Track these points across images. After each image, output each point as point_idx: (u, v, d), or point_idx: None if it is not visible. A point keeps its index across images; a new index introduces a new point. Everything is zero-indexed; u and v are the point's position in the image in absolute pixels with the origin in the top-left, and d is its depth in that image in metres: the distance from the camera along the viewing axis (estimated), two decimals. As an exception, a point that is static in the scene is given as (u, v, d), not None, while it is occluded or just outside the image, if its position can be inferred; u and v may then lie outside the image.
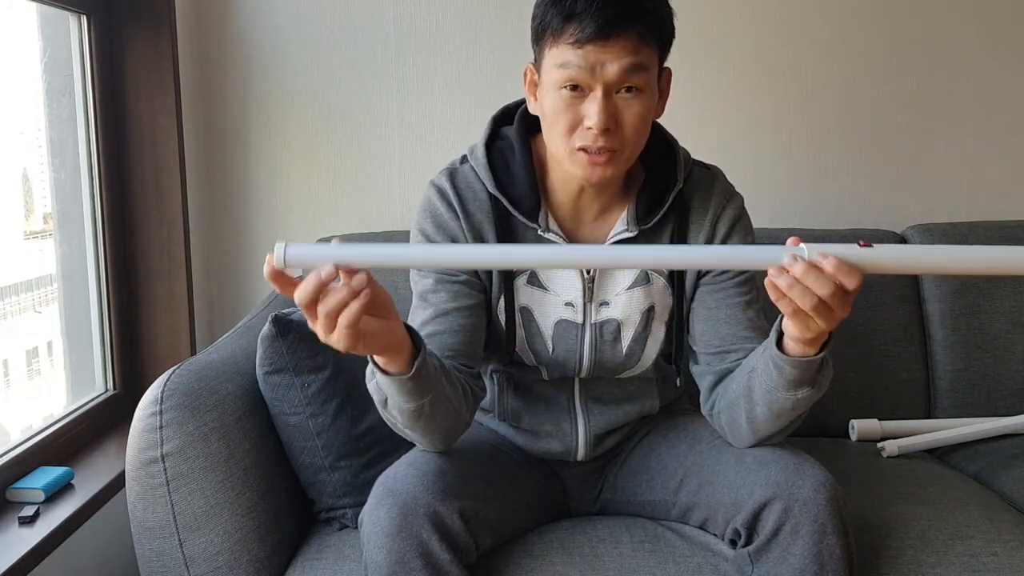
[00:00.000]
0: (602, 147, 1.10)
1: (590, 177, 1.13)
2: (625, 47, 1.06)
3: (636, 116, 1.10)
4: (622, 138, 1.11)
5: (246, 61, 1.93)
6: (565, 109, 1.10)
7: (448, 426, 1.15)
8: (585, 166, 1.12)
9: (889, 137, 1.98)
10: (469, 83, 1.94)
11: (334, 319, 0.91)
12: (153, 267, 1.82)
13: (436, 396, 1.08)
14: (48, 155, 1.70)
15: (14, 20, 1.64)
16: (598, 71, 1.07)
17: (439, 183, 1.24)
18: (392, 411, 1.10)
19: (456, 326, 1.20)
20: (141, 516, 1.21)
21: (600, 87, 1.08)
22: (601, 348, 1.26)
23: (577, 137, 1.11)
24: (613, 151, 1.11)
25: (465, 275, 1.22)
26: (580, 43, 1.06)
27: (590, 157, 1.11)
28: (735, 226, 1.25)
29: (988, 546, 1.28)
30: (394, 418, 1.11)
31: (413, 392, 1.05)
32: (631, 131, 1.11)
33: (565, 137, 1.12)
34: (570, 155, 1.13)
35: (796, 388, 1.09)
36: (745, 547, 1.15)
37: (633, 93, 1.09)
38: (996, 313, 1.76)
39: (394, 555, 1.07)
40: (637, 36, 1.07)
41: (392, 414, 1.10)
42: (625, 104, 1.10)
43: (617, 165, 1.13)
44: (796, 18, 1.94)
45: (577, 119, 1.10)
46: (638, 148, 1.16)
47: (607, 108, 1.08)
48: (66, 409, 1.65)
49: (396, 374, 1.03)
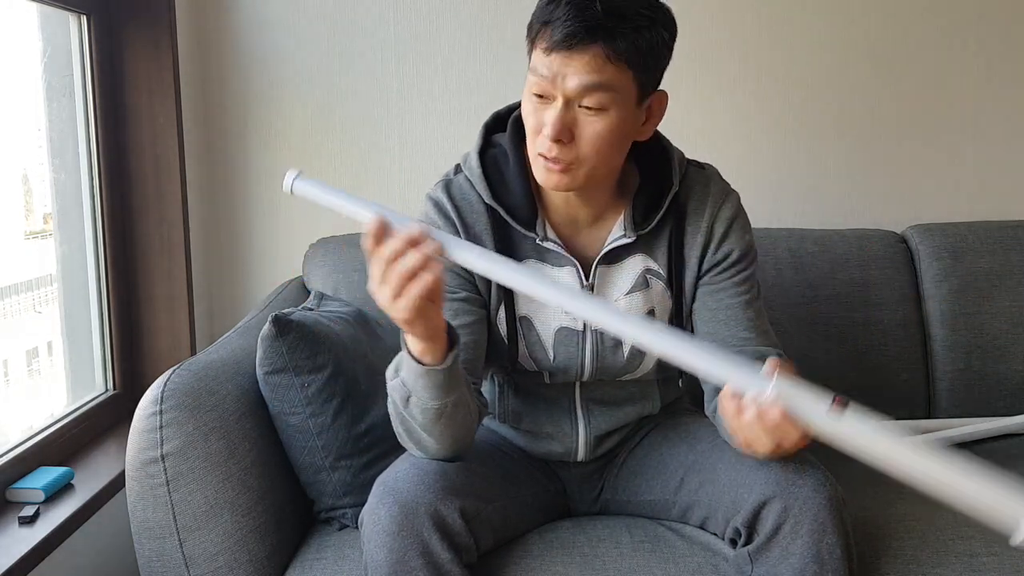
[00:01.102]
0: (556, 156, 1.10)
1: (546, 183, 1.14)
2: (589, 63, 1.05)
3: (594, 134, 1.09)
4: (576, 152, 1.10)
5: (246, 61, 1.93)
6: (532, 112, 1.11)
7: (460, 434, 1.15)
8: (541, 171, 1.13)
9: (889, 137, 1.98)
10: (469, 83, 1.94)
11: (406, 282, 0.92)
12: (153, 267, 1.82)
13: (459, 397, 1.08)
14: (48, 155, 1.70)
15: (14, 20, 1.64)
16: (559, 82, 1.07)
17: (435, 196, 1.24)
18: (413, 410, 1.09)
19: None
20: (141, 516, 1.21)
21: (560, 97, 1.08)
22: (603, 354, 1.26)
23: (538, 143, 1.11)
24: (568, 162, 1.11)
25: (465, 291, 1.22)
26: (548, 50, 1.07)
27: (546, 163, 1.12)
28: (732, 225, 1.24)
29: (988, 546, 1.28)
30: (413, 418, 1.10)
31: (442, 387, 1.05)
32: (587, 147, 1.10)
33: (531, 141, 1.13)
34: (534, 160, 1.14)
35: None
36: (745, 546, 1.15)
37: (594, 111, 1.08)
38: (996, 313, 1.76)
39: (395, 554, 1.07)
40: (603, 54, 1.05)
41: (412, 413, 1.10)
42: (585, 119, 1.09)
43: (574, 176, 1.12)
44: (796, 18, 1.95)
45: (540, 124, 1.11)
46: (602, 165, 1.13)
47: (562, 119, 1.08)
48: (66, 409, 1.65)
49: (431, 365, 1.03)
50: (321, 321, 1.39)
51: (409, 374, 1.05)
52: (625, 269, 1.24)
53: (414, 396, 1.07)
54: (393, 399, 1.11)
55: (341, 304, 1.61)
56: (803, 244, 1.80)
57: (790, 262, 1.77)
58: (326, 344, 1.34)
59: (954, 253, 1.79)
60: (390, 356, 1.19)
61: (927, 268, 1.80)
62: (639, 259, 1.24)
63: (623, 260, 1.24)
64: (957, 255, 1.79)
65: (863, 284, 1.77)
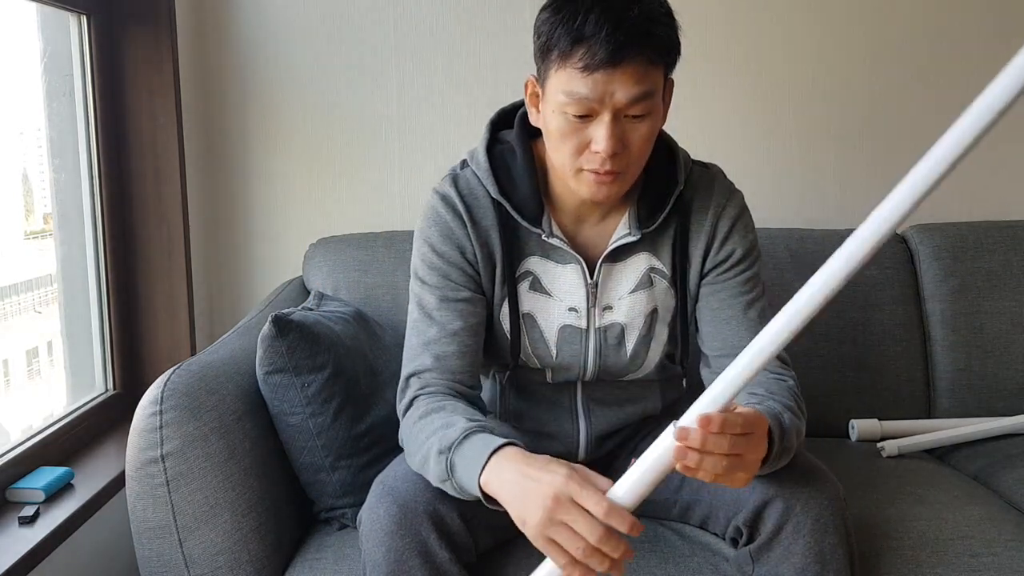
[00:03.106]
0: (609, 170, 1.09)
1: (595, 196, 1.13)
2: (634, 74, 1.05)
3: (642, 138, 1.10)
4: (628, 159, 1.11)
5: (246, 61, 1.93)
6: (572, 132, 1.09)
7: None
8: (591, 185, 1.12)
9: (889, 137, 1.98)
10: (469, 83, 1.94)
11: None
12: (153, 267, 1.82)
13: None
14: (48, 155, 1.70)
15: (14, 20, 1.64)
16: (607, 99, 1.05)
17: (443, 190, 1.23)
18: (449, 488, 1.08)
19: (463, 348, 1.20)
20: (141, 516, 1.21)
21: (608, 112, 1.06)
22: (606, 352, 1.26)
23: (584, 160, 1.10)
24: (619, 172, 1.11)
25: (468, 291, 1.22)
26: (589, 69, 1.04)
27: (597, 177, 1.10)
28: (735, 224, 1.24)
29: (988, 546, 1.29)
30: (435, 481, 1.10)
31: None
32: (637, 152, 1.11)
33: (571, 158, 1.11)
34: (575, 175, 1.12)
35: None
36: (746, 546, 1.15)
37: (640, 118, 1.08)
38: (996, 313, 1.76)
39: (393, 553, 1.07)
40: (646, 61, 1.05)
41: (445, 486, 1.08)
42: (632, 127, 1.09)
43: (623, 183, 1.13)
44: (795, 18, 1.94)
45: (584, 142, 1.09)
46: (643, 165, 1.15)
47: (615, 133, 1.07)
48: (66, 409, 1.65)
49: (494, 507, 1.03)
50: (321, 321, 1.39)
51: (465, 486, 1.04)
52: (629, 267, 1.24)
53: (451, 485, 1.07)
54: (433, 477, 1.09)
55: (341, 304, 1.61)
56: (803, 244, 1.80)
57: (790, 262, 1.77)
58: (326, 344, 1.34)
59: (954, 253, 1.79)
60: (390, 356, 1.19)
61: (927, 268, 1.80)
62: (643, 258, 1.24)
63: (627, 258, 1.24)
64: (957, 255, 1.79)
65: (863, 284, 1.77)
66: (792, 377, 1.20)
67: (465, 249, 1.21)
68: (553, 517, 0.94)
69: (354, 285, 1.75)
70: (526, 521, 0.96)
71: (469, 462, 1.03)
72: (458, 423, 1.08)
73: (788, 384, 1.18)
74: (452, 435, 1.06)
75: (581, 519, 0.92)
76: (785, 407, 1.11)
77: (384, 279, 1.75)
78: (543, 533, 0.95)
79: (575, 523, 0.93)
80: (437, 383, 1.19)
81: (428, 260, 1.22)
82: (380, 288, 1.74)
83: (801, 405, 1.17)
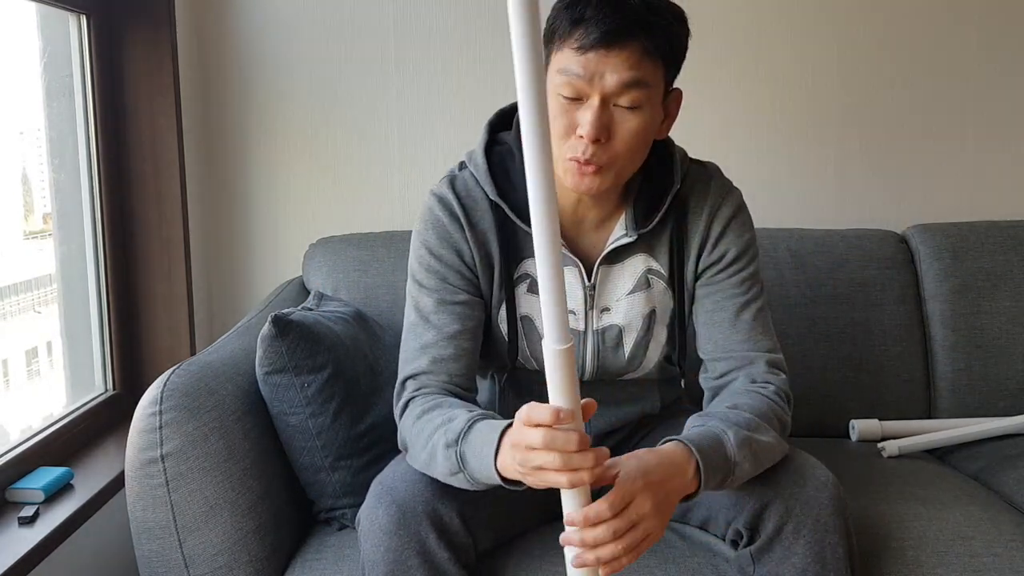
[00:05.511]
0: (590, 158, 1.09)
1: (578, 187, 1.12)
2: (628, 59, 1.05)
3: (629, 131, 1.09)
4: (612, 151, 1.10)
5: (246, 61, 1.93)
6: (561, 114, 1.09)
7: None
8: (574, 175, 1.11)
9: (889, 137, 1.98)
10: (469, 83, 1.94)
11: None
12: (153, 267, 1.82)
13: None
14: (48, 155, 1.70)
15: (14, 20, 1.64)
16: (597, 80, 1.06)
17: (441, 192, 1.23)
18: (451, 478, 1.08)
19: (460, 351, 1.20)
20: (141, 516, 1.21)
21: (597, 96, 1.06)
22: (604, 354, 1.26)
23: (569, 147, 1.10)
24: (602, 164, 1.10)
25: (466, 294, 1.21)
26: (583, 49, 1.05)
27: (578, 166, 1.10)
28: (730, 224, 1.24)
29: (988, 546, 1.28)
30: (445, 475, 1.09)
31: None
32: (622, 146, 1.10)
33: (559, 144, 1.10)
34: (562, 163, 1.12)
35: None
36: (747, 547, 1.15)
37: (630, 108, 1.08)
38: (996, 313, 1.76)
39: (392, 553, 1.07)
40: (641, 49, 1.05)
41: (455, 479, 1.09)
42: (621, 117, 1.08)
43: (605, 178, 1.12)
44: (797, 18, 1.94)
45: (572, 126, 1.09)
46: (631, 164, 1.14)
47: (601, 118, 1.07)
48: (66, 409, 1.65)
49: (514, 487, 1.03)
50: (321, 321, 1.39)
51: (480, 475, 1.04)
52: (627, 269, 1.24)
53: (472, 484, 1.07)
54: (443, 469, 1.09)
55: (341, 304, 1.61)
56: (803, 244, 1.80)
57: (790, 262, 1.77)
58: (326, 344, 1.34)
59: (954, 253, 1.79)
60: (390, 356, 1.19)
61: (927, 268, 1.80)
62: (641, 259, 1.24)
63: (625, 260, 1.24)
64: (957, 255, 1.79)
65: (863, 284, 1.76)
66: (777, 383, 1.19)
67: (463, 252, 1.21)
68: (516, 455, 0.95)
69: (354, 285, 1.75)
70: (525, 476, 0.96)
71: (480, 450, 1.03)
72: (459, 415, 1.08)
73: (762, 396, 1.16)
74: (457, 427, 1.06)
75: (531, 433, 0.92)
76: (734, 424, 1.09)
77: (384, 279, 1.75)
78: (524, 475, 0.96)
79: (531, 441, 0.92)
80: (433, 384, 1.19)
81: (425, 263, 1.22)
82: (380, 288, 1.74)
83: (780, 412, 1.15)
